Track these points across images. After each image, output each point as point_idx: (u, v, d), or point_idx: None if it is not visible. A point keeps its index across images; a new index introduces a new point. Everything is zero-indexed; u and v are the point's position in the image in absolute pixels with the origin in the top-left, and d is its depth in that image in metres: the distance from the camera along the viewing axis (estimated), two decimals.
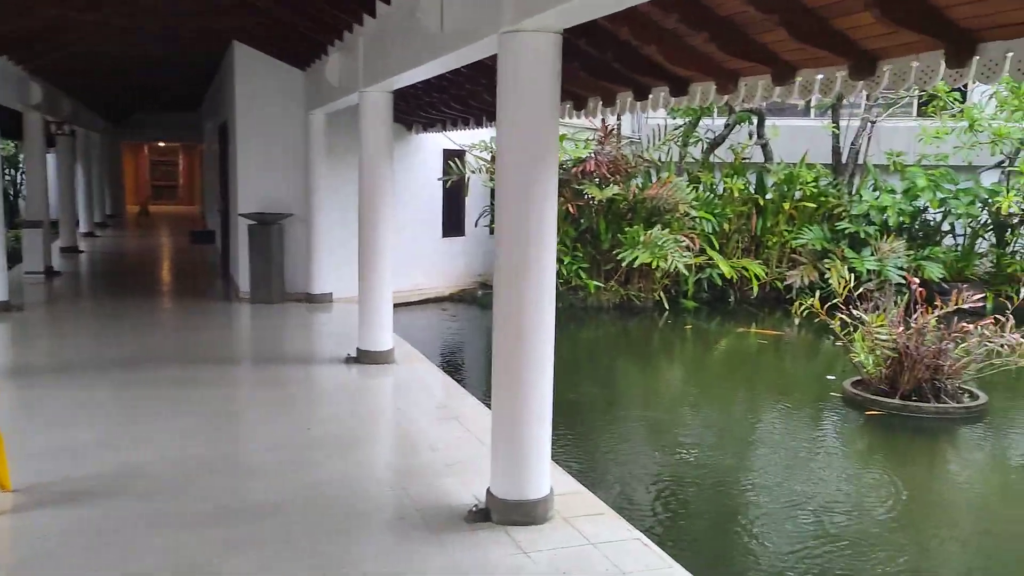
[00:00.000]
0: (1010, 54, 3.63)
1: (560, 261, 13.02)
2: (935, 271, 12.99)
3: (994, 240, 14.31)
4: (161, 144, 33.27)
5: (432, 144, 13.28)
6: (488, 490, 4.64)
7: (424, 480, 5.16)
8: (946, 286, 12.83)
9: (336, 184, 11.23)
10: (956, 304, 7.69)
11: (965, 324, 7.64)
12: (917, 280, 8.24)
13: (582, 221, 13.32)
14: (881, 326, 7.74)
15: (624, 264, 12.72)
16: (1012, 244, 14.18)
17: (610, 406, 8.41)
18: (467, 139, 13.33)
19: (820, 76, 4.72)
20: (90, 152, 21.08)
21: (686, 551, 4.97)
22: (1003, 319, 7.53)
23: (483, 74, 7.43)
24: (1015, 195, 12.74)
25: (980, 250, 14.26)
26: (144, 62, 13.30)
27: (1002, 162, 14.35)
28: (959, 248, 14.28)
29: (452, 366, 9.96)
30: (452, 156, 13.42)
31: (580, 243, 13.39)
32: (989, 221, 14.14)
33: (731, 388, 9.55)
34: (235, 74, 11.33)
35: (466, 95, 8.88)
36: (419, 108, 10.77)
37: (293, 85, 11.43)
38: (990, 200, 13.59)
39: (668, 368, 10.68)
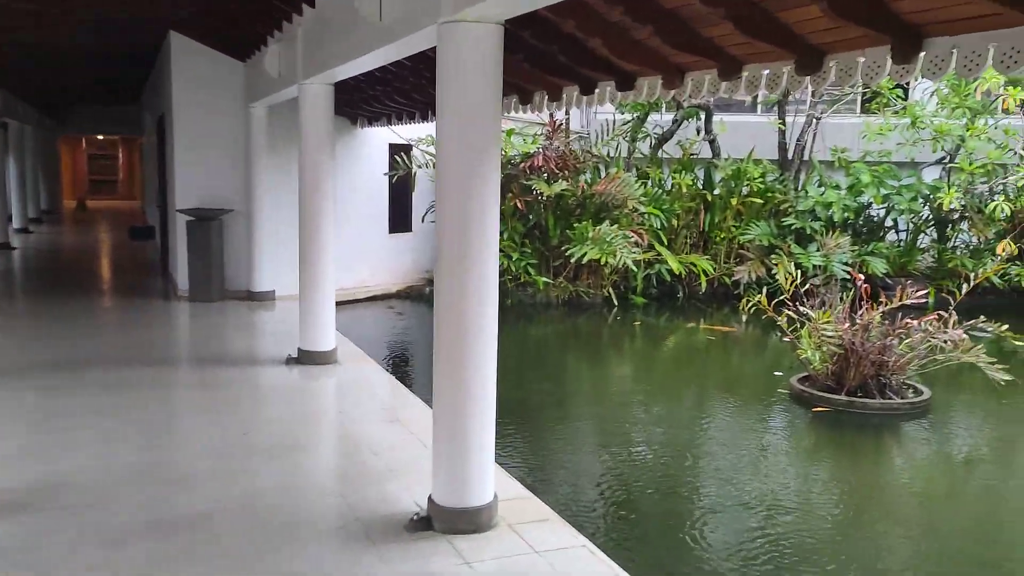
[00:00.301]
0: (956, 50, 3.59)
1: (508, 257, 12.90)
2: (879, 266, 13.15)
3: (935, 235, 14.55)
4: (100, 137, 32.35)
5: (378, 138, 13.03)
6: (430, 497, 4.49)
7: (366, 487, 4.98)
8: (890, 281, 13.04)
9: (278, 179, 10.94)
10: (900, 300, 7.74)
11: (909, 320, 7.70)
12: (862, 276, 8.27)
13: (530, 217, 13.21)
14: (827, 323, 7.75)
15: (573, 260, 12.64)
16: (952, 239, 14.44)
17: (558, 404, 8.31)
18: (414, 133, 13.12)
19: (767, 72, 4.65)
20: (24, 146, 20.37)
21: (634, 557, 4.88)
22: (946, 315, 7.59)
23: (427, 67, 7.25)
24: (956, 191, 12.95)
25: (922, 245, 14.49)
26: (80, 53, 12.82)
27: (943, 159, 14.59)
28: (902, 244, 14.50)
29: (398, 366, 9.78)
30: (398, 151, 13.19)
31: (528, 239, 13.28)
32: (931, 217, 14.37)
33: (680, 385, 9.53)
34: (171, 65, 10.96)
35: (410, 88, 8.69)
36: (363, 101, 10.53)
37: (232, 77, 11.10)
38: (931, 196, 13.81)
39: (617, 365, 10.63)
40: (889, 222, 14.66)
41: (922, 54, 3.74)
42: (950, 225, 14.36)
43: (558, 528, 4.49)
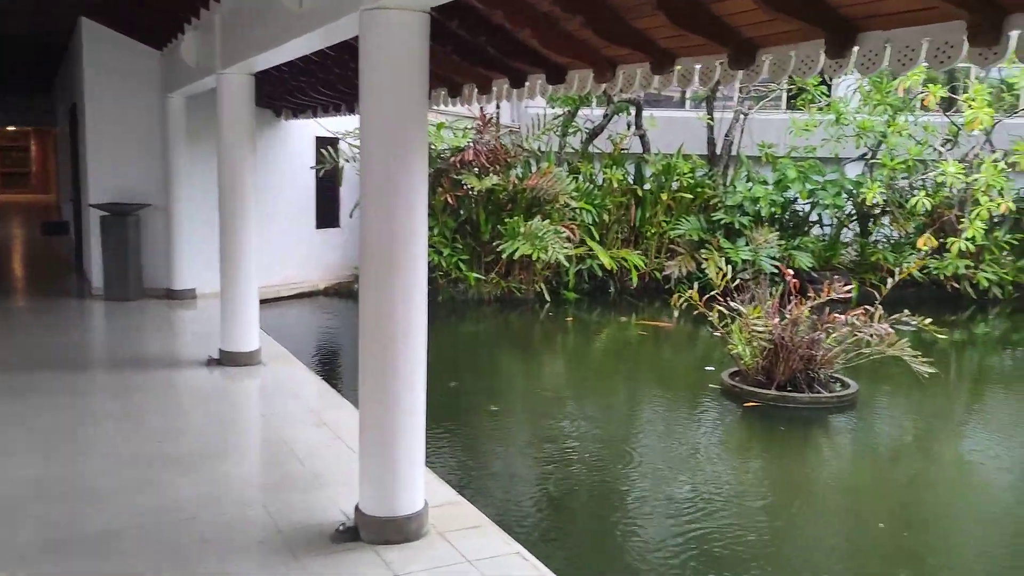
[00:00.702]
0: (889, 44, 3.55)
1: (439, 253, 12.70)
2: (805, 260, 13.36)
3: (858, 230, 14.86)
4: (11, 128, 30.91)
5: (303, 131, 12.67)
6: (357, 507, 4.29)
7: (289, 496, 4.75)
8: (815, 275, 13.25)
9: (198, 172, 10.52)
10: (828, 294, 7.81)
11: (837, 315, 7.77)
12: (791, 272, 8.33)
13: (461, 212, 13.02)
14: (758, 318, 7.78)
15: (504, 256, 12.50)
16: (874, 233, 14.77)
17: (490, 402, 8.16)
18: (341, 126, 12.78)
19: (699, 65, 4.57)
20: None
21: (568, 562, 4.77)
22: (872, 309, 7.69)
23: (352, 57, 6.97)
24: (879, 187, 13.23)
25: (845, 239, 14.79)
26: None
27: (865, 154, 14.91)
28: (826, 238, 14.77)
29: (326, 366, 9.49)
30: (325, 144, 12.85)
31: (459, 234, 13.09)
32: (854, 212, 14.67)
33: (613, 380, 9.48)
34: (83, 53, 10.45)
35: (335, 79, 8.42)
36: (286, 93, 10.19)
37: (148, 66, 10.64)
38: (854, 191, 14.09)
39: (550, 361, 10.53)
40: (814, 217, 14.92)
41: (856, 48, 3.70)
42: (872, 220, 14.68)
43: (491, 535, 4.35)
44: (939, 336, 8.65)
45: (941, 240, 13.03)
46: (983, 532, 5.62)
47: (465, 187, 12.78)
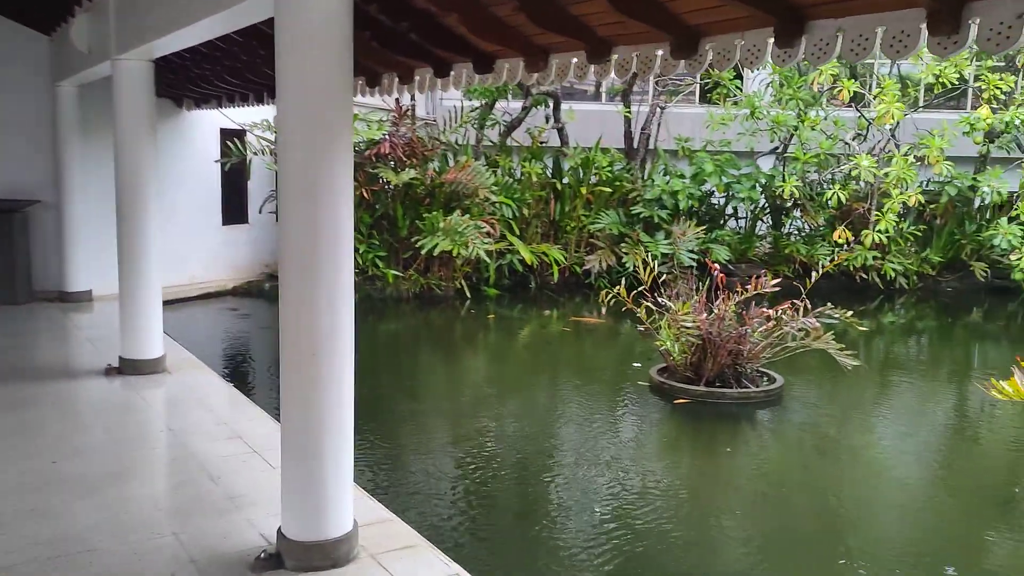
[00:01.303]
0: (842, 33, 3.40)
1: (356, 250, 12.22)
2: (722, 253, 13.46)
3: (771, 223, 15.09)
4: None
5: (208, 122, 12.03)
6: (279, 530, 3.93)
7: (202, 521, 4.35)
8: (732, 267, 13.38)
9: (92, 166, 9.83)
10: (756, 289, 7.77)
11: (764, 309, 7.75)
12: (718, 266, 8.28)
13: (377, 207, 12.60)
14: (687, 314, 7.69)
15: (423, 252, 12.16)
16: (787, 226, 15.02)
17: (414, 407, 7.84)
18: (248, 117, 12.19)
19: (637, 54, 4.37)
20: None
21: None
22: (799, 303, 7.69)
23: (261, 43, 6.56)
24: (795, 180, 13.42)
25: (760, 232, 14.99)
26: None
27: (776, 148, 15.14)
28: (741, 231, 14.95)
29: (238, 373, 8.94)
30: (231, 136, 12.23)
31: (376, 230, 12.68)
32: (767, 205, 14.88)
33: (540, 380, 9.27)
34: None
35: (243, 67, 7.93)
36: (189, 81, 9.60)
37: (36, 52, 9.87)
38: (768, 184, 14.28)
39: (474, 361, 10.25)
40: (730, 210, 15.07)
41: (805, 37, 3.54)
42: (784, 213, 14.93)
43: (426, 555, 4.05)
44: (860, 329, 8.75)
45: (855, 233, 13.32)
46: (896, 524, 5.62)
47: (381, 181, 12.38)
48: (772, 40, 3.62)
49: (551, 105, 14.88)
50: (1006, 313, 13.68)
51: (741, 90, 15.03)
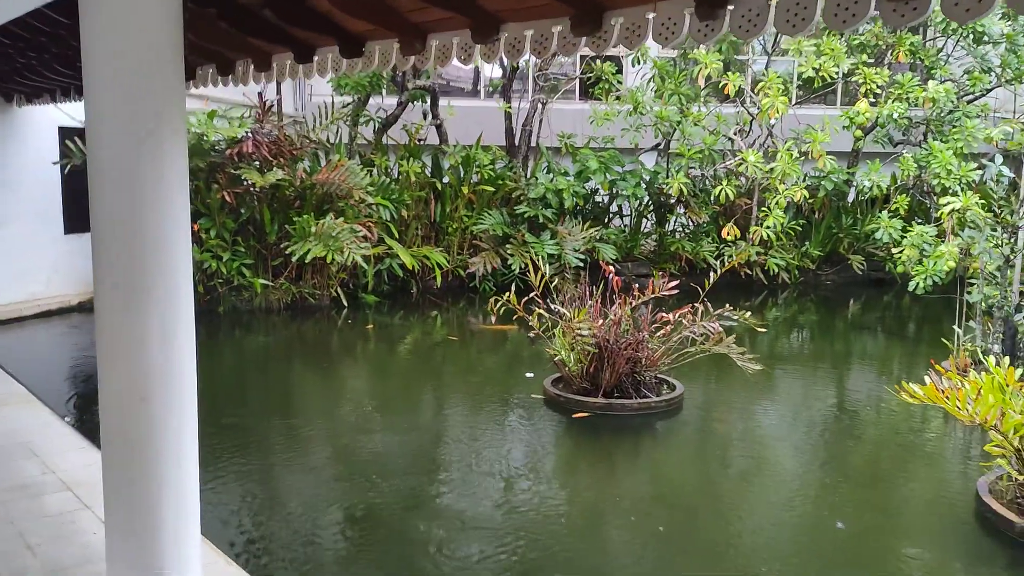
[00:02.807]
0: (775, 3, 2.90)
1: (218, 258, 11.24)
2: (609, 252, 13.12)
3: (655, 220, 14.89)
4: None
5: (44, 120, 10.73)
6: None
7: None
8: (618, 266, 13.04)
9: None
10: (653, 292, 7.35)
11: (663, 313, 7.33)
12: (612, 268, 7.82)
13: (243, 211, 11.58)
14: (583, 321, 7.17)
15: (295, 259, 11.24)
16: (671, 223, 14.86)
17: (283, 434, 7.00)
18: None
19: (531, 32, 3.77)
20: None
21: None
22: (699, 306, 7.31)
23: None
24: (682, 177, 13.19)
25: (645, 230, 14.77)
26: None
27: (658, 144, 14.94)
28: (627, 229, 14.68)
29: (77, 406, 7.71)
30: (71, 135, 10.94)
31: (241, 236, 11.66)
32: (651, 202, 14.66)
33: (423, 397, 8.58)
34: None
35: (74, 55, 6.88)
36: (14, 72, 8.39)
37: None
38: (652, 181, 14.05)
39: (351, 377, 9.42)
40: (614, 208, 14.78)
41: (730, 8, 3.03)
42: (668, 209, 14.75)
43: None
44: (760, 330, 8.50)
45: (741, 229, 13.24)
46: (786, 538, 5.28)
47: (246, 183, 11.37)
48: (691, 12, 3.09)
49: (428, 100, 14.17)
50: (883, 304, 13.95)
51: (622, 84, 14.75)
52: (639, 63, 14.05)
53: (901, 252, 10.89)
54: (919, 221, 12.49)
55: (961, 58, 14.31)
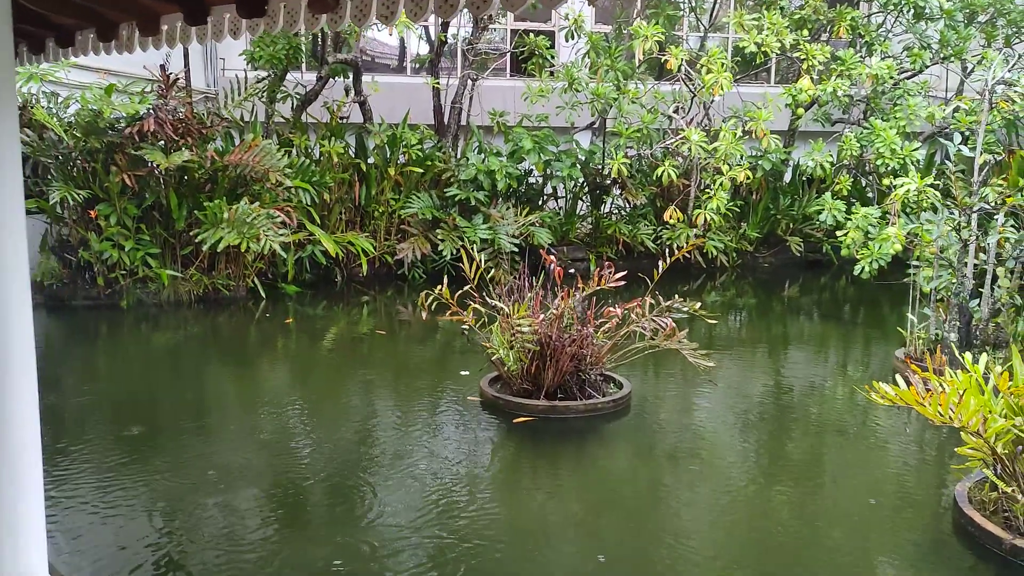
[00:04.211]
0: None
1: (120, 248, 10.27)
2: (544, 236, 12.52)
3: (591, 202, 14.33)
4: None
5: None
6: None
7: None
8: (553, 251, 12.46)
9: None
10: (598, 283, 6.77)
11: (611, 308, 6.77)
12: (553, 258, 7.20)
13: (147, 196, 10.59)
14: (523, 318, 6.54)
15: (206, 247, 10.33)
16: (607, 205, 14.33)
17: (192, 444, 6.22)
18: None
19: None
20: None
21: None
22: (647, 299, 6.76)
23: None
24: (623, 158, 12.62)
25: (581, 212, 14.21)
26: None
27: (594, 122, 14.36)
28: (561, 211, 14.10)
29: None
30: None
31: (145, 223, 10.67)
32: (586, 183, 14.10)
33: (348, 399, 7.85)
34: None
35: None
36: None
37: None
38: (587, 161, 13.48)
39: (266, 379, 8.58)
40: (548, 189, 14.17)
41: None
42: (604, 191, 14.21)
43: None
44: (711, 322, 8.03)
45: (682, 211, 12.80)
46: (737, 558, 4.81)
47: (149, 164, 10.39)
48: None
49: (351, 76, 13.28)
50: (824, 287, 13.72)
51: (556, 59, 14.10)
52: (573, 37, 13.42)
53: (845, 235, 10.57)
54: (856, 202, 12.22)
55: (900, 35, 14.08)
